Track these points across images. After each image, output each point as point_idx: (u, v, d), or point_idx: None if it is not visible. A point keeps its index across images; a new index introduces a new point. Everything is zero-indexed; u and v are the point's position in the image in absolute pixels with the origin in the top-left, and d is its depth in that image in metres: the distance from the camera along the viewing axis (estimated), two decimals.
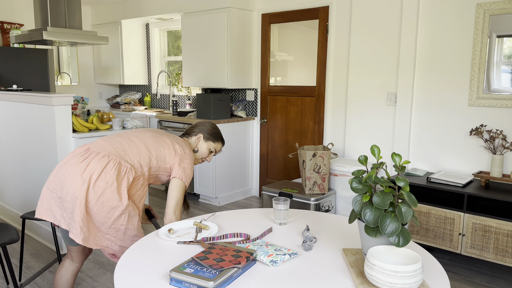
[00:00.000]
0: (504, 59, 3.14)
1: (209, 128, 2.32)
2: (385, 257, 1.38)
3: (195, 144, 2.29)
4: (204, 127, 2.32)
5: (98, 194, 1.87)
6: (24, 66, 4.98)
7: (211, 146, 2.30)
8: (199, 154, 2.30)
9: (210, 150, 2.31)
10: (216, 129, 2.35)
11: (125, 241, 1.99)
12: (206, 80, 4.85)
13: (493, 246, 2.87)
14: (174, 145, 2.12)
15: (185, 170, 2.07)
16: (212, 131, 2.32)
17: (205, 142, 2.29)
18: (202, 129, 2.31)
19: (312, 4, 4.23)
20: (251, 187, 5.03)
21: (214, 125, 2.36)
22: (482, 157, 3.30)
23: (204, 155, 2.30)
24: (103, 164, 1.91)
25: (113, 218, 1.91)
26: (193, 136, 2.30)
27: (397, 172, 1.45)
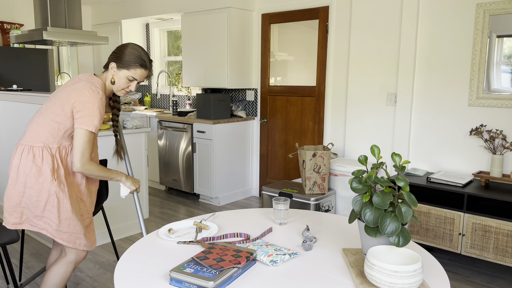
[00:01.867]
0: (504, 59, 3.14)
1: (122, 52, 2.02)
2: (385, 257, 1.38)
3: (111, 75, 2.04)
4: (117, 52, 2.03)
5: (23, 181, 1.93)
6: (24, 66, 4.98)
7: (127, 74, 2.02)
8: (117, 85, 2.04)
9: (129, 78, 2.03)
10: (131, 54, 2.01)
11: (61, 225, 1.97)
12: (206, 80, 4.85)
13: (493, 246, 2.87)
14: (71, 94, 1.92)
15: (83, 116, 1.88)
16: (124, 57, 2.01)
17: (119, 70, 2.02)
18: (115, 55, 2.03)
19: (312, 4, 4.23)
20: (251, 187, 5.03)
21: (132, 48, 2.03)
22: (482, 157, 3.30)
23: (123, 86, 2.04)
24: (19, 153, 1.96)
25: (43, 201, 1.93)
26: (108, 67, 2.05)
27: (397, 172, 1.45)
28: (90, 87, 1.92)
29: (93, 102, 1.89)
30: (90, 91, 1.91)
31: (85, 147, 1.90)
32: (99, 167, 1.98)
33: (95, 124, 1.90)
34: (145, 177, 3.75)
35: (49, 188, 1.93)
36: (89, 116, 1.88)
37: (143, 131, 3.68)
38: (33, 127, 1.97)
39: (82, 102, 1.89)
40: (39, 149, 1.94)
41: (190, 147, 4.73)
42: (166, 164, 5.05)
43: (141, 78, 2.06)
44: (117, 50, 2.04)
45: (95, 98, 1.90)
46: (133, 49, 2.02)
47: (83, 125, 1.88)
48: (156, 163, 5.25)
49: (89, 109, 1.89)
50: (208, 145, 4.54)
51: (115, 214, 3.59)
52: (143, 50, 2.07)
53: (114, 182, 3.53)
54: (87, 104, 1.89)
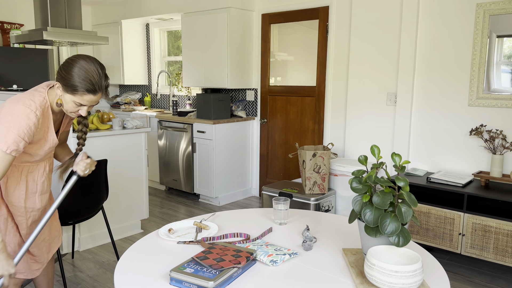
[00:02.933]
0: (504, 59, 3.14)
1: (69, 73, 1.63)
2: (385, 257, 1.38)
3: (57, 96, 1.71)
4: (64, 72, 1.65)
5: None
6: (24, 66, 4.98)
7: (72, 99, 1.66)
8: (65, 108, 1.70)
9: (76, 103, 1.67)
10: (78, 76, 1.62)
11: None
12: (206, 80, 4.85)
13: (493, 246, 2.87)
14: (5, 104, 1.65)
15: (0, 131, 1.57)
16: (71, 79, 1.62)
17: (65, 93, 1.66)
18: (61, 76, 1.66)
19: (312, 4, 4.23)
20: (251, 187, 5.03)
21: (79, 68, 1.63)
22: (482, 157, 3.30)
23: (71, 110, 1.70)
24: None
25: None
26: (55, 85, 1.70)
27: (397, 172, 1.45)
28: (27, 101, 1.64)
29: (17, 117, 1.58)
30: (21, 105, 1.61)
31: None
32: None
33: (8, 142, 1.57)
34: (145, 177, 3.76)
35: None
36: (5, 132, 1.57)
37: (143, 131, 3.68)
38: None
39: (6, 114, 1.60)
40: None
41: (190, 147, 4.73)
42: (166, 164, 5.05)
43: (90, 103, 1.69)
44: (63, 67, 1.66)
45: (22, 114, 1.59)
46: (81, 70, 1.63)
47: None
48: (156, 163, 5.25)
49: (8, 124, 1.58)
50: (208, 145, 4.54)
51: (115, 214, 3.59)
52: (95, 66, 1.66)
53: (114, 182, 3.53)
54: (10, 117, 1.59)
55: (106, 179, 2.95)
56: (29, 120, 1.61)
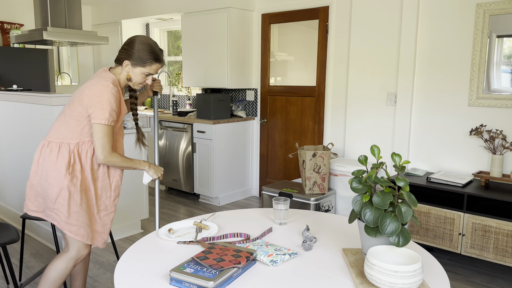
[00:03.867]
0: (504, 59, 3.14)
1: (135, 50, 2.01)
2: (385, 257, 1.38)
3: (125, 72, 2.05)
4: (129, 50, 2.02)
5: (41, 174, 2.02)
6: (24, 66, 4.98)
7: (143, 71, 2.04)
8: (134, 81, 2.07)
9: (145, 74, 2.06)
10: (144, 51, 2.01)
11: (70, 218, 2.01)
12: (206, 80, 4.85)
13: (493, 246, 2.87)
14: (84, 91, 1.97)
15: (94, 111, 1.92)
16: (137, 55, 2.01)
17: (134, 68, 2.03)
18: (127, 54, 2.02)
19: (312, 4, 4.23)
20: (251, 187, 5.03)
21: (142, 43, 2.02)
22: (482, 157, 3.30)
23: (139, 81, 2.07)
24: (39, 148, 2.06)
25: (54, 194, 1.99)
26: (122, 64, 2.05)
27: (397, 172, 1.45)
28: (101, 81, 1.95)
29: (102, 96, 1.92)
30: (100, 85, 1.94)
31: (104, 140, 1.95)
32: (122, 158, 2.03)
33: (106, 116, 1.93)
34: None
35: (61, 182, 1.98)
36: (100, 110, 1.92)
37: (143, 131, 3.68)
38: (54, 125, 2.06)
39: (92, 97, 1.93)
40: (57, 144, 2.01)
41: (190, 147, 4.73)
42: (166, 164, 5.05)
43: (155, 72, 2.09)
44: (128, 47, 2.02)
45: (104, 91, 1.93)
46: (144, 44, 2.02)
47: (96, 119, 1.93)
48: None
49: (99, 103, 1.92)
50: (208, 145, 4.54)
51: (115, 214, 3.59)
52: (152, 41, 2.06)
53: None
54: (97, 98, 1.92)
55: None
56: (111, 93, 1.94)
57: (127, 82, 2.09)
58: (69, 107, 2.01)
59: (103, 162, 1.98)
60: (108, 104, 1.93)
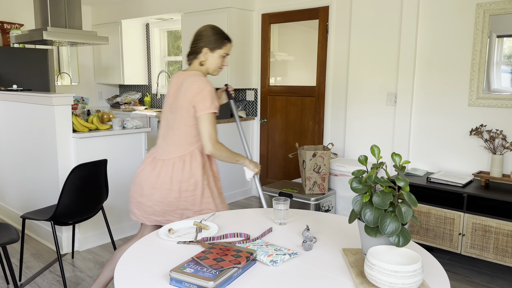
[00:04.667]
0: (504, 59, 3.14)
1: (209, 36, 2.19)
2: (385, 257, 1.38)
3: (205, 59, 2.21)
4: (204, 38, 2.19)
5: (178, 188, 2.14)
6: (24, 66, 4.98)
7: (220, 53, 2.22)
8: (214, 66, 2.24)
9: (222, 55, 2.24)
10: (217, 34, 2.20)
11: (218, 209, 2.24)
12: None
13: (493, 246, 2.87)
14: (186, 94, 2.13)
15: (198, 103, 2.08)
16: (213, 38, 2.19)
17: (213, 52, 2.21)
18: (204, 41, 2.19)
19: (312, 4, 4.23)
20: (251, 187, 5.03)
21: (212, 29, 2.21)
22: (482, 157, 3.30)
23: (219, 65, 2.25)
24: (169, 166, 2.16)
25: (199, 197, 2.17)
26: (200, 53, 2.21)
27: (397, 172, 1.45)
28: (195, 79, 2.11)
29: (203, 88, 2.08)
30: (197, 82, 2.10)
31: (211, 128, 2.08)
32: (227, 148, 2.16)
33: (208, 105, 2.07)
34: None
35: (201, 183, 2.15)
36: (204, 101, 2.07)
37: (143, 131, 3.68)
38: (169, 142, 2.17)
39: (195, 94, 2.08)
40: (188, 155, 2.15)
41: None
42: None
43: (229, 52, 2.27)
44: (202, 36, 2.19)
45: (203, 84, 2.09)
46: (214, 29, 2.20)
47: (202, 110, 2.06)
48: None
49: (203, 95, 2.07)
50: None
51: (115, 214, 3.59)
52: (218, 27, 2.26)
53: (114, 182, 3.53)
54: (200, 92, 2.08)
55: (106, 179, 2.95)
56: (209, 84, 2.12)
57: (207, 73, 2.25)
58: (178, 119, 2.14)
59: (211, 151, 2.09)
60: (208, 94, 2.07)
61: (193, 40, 2.23)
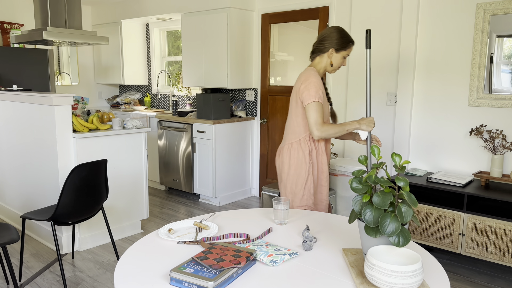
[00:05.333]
0: (504, 59, 3.14)
1: (337, 38, 2.35)
2: (385, 257, 1.38)
3: (329, 59, 2.38)
4: (332, 39, 2.35)
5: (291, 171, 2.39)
6: (24, 66, 4.98)
7: (343, 54, 2.38)
8: (335, 65, 2.40)
9: (344, 57, 2.39)
10: (343, 37, 2.36)
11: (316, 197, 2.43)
12: (206, 80, 4.85)
13: (493, 246, 2.87)
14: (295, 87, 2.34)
15: (303, 93, 2.26)
16: (340, 41, 2.35)
17: (338, 53, 2.37)
18: (331, 42, 2.35)
19: (312, 4, 4.23)
20: (251, 187, 5.03)
21: (339, 31, 2.36)
22: (482, 157, 3.30)
23: (339, 64, 2.41)
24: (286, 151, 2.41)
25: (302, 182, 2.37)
26: (326, 52, 2.37)
27: (397, 172, 1.45)
28: (306, 71, 2.34)
29: (308, 80, 2.27)
30: (305, 74, 2.32)
31: (316, 115, 2.23)
32: (333, 125, 2.27)
33: (313, 94, 2.23)
34: (145, 177, 3.76)
35: (306, 170, 2.34)
36: (309, 91, 2.24)
37: (143, 131, 3.68)
38: (288, 129, 2.42)
39: (301, 84, 2.30)
40: (297, 143, 2.36)
41: (190, 147, 4.73)
42: (166, 164, 5.05)
43: (351, 52, 2.48)
44: (330, 37, 2.35)
45: (309, 76, 2.28)
46: (341, 31, 2.36)
47: (307, 100, 2.24)
48: (156, 163, 5.25)
49: (307, 86, 2.26)
50: (208, 145, 4.54)
51: (115, 214, 3.59)
52: (344, 29, 2.42)
53: (114, 182, 3.53)
54: (304, 82, 2.28)
55: (106, 179, 2.95)
56: (315, 75, 2.31)
57: (322, 71, 2.41)
58: (293, 109, 2.37)
59: (319, 135, 2.24)
60: (313, 84, 2.25)
61: (319, 39, 2.39)
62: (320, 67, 2.41)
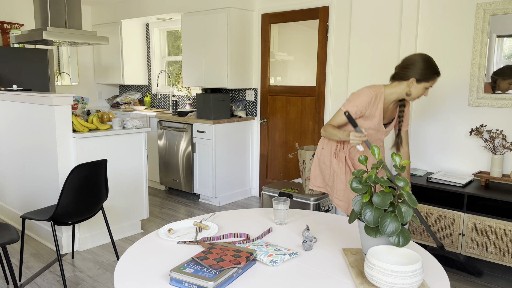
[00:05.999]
0: (504, 59, 3.14)
1: (421, 68, 2.22)
2: (385, 257, 1.38)
3: (408, 88, 2.27)
4: (415, 68, 2.23)
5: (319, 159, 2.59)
6: (24, 66, 4.98)
7: (426, 85, 2.25)
8: (414, 95, 2.29)
9: (426, 88, 2.27)
10: (429, 68, 2.22)
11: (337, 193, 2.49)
12: (206, 80, 4.85)
13: (493, 246, 2.87)
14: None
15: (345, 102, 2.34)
16: (424, 71, 2.22)
17: (419, 84, 2.24)
18: (414, 71, 2.23)
19: (312, 4, 4.23)
20: (251, 187, 5.03)
21: (425, 61, 2.22)
22: (482, 157, 3.30)
23: (419, 95, 2.29)
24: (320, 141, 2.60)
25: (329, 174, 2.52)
26: (406, 81, 2.26)
27: (397, 172, 1.45)
28: (368, 87, 2.32)
29: (360, 94, 2.29)
30: (363, 88, 2.32)
31: (333, 118, 2.37)
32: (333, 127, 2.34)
33: (347, 104, 2.30)
34: (145, 177, 3.76)
35: (330, 165, 2.48)
36: (349, 101, 2.31)
37: (143, 131, 3.68)
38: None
39: (351, 94, 2.34)
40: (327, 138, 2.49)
41: (190, 147, 4.73)
42: (166, 164, 5.05)
43: (433, 84, 2.38)
44: (414, 66, 2.23)
45: (363, 92, 2.28)
46: (427, 61, 2.23)
47: (342, 106, 2.33)
48: (156, 163, 5.25)
49: (352, 97, 2.31)
50: (208, 145, 4.54)
51: (115, 214, 3.59)
52: (430, 57, 2.27)
53: (114, 182, 3.53)
54: (354, 95, 2.32)
55: (106, 179, 2.95)
56: (366, 96, 2.28)
57: (393, 98, 2.34)
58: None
59: (321, 132, 2.41)
60: (358, 100, 2.28)
61: (402, 65, 2.28)
62: (394, 92, 2.32)
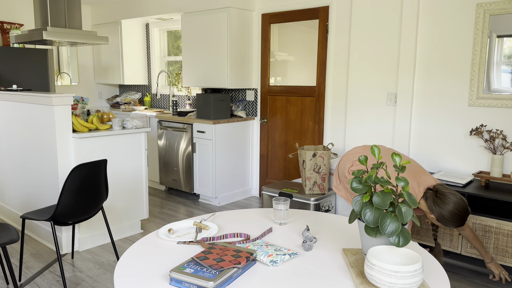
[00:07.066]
0: (504, 59, 3.14)
1: (445, 215, 2.12)
2: (385, 257, 1.38)
3: (425, 210, 2.25)
4: (441, 210, 2.13)
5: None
6: (24, 66, 4.98)
7: (437, 222, 2.23)
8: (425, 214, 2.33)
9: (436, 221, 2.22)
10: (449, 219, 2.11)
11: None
12: (206, 80, 4.84)
13: (493, 246, 2.86)
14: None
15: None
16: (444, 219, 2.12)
17: (432, 216, 2.21)
18: (437, 212, 2.14)
19: (312, 4, 4.23)
20: (251, 187, 5.03)
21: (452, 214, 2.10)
22: (482, 157, 3.30)
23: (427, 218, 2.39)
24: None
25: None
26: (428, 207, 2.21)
27: (397, 172, 1.45)
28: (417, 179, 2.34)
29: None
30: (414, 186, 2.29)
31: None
32: None
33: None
34: (145, 177, 3.75)
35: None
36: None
37: (143, 131, 3.68)
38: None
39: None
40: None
41: (190, 147, 4.73)
42: (166, 164, 5.05)
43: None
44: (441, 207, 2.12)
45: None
46: (454, 215, 2.10)
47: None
48: (156, 163, 5.25)
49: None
50: (208, 145, 4.54)
51: (115, 214, 3.59)
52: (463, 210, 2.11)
53: (114, 182, 3.53)
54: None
55: (106, 179, 2.94)
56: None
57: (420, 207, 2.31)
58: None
59: None
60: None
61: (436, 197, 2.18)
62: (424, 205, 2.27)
